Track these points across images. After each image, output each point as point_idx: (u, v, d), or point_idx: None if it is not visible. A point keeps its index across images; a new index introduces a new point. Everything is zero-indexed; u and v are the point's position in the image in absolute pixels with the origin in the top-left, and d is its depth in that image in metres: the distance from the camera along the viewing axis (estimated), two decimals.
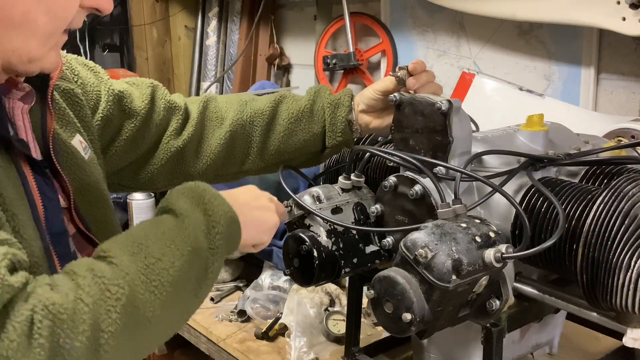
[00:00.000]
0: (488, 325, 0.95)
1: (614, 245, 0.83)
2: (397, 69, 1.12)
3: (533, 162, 1.00)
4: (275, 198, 0.99)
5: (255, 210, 0.91)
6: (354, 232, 1.06)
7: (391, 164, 1.08)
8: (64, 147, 0.90)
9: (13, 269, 0.64)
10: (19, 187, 0.78)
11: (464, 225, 0.85)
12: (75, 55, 1.07)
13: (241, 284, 1.79)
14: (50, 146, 0.85)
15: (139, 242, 0.74)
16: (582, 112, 1.58)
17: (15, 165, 0.79)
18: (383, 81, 1.15)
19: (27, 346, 0.60)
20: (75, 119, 0.97)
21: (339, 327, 1.42)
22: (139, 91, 1.13)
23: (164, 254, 0.74)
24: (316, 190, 1.09)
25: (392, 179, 1.01)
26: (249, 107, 1.19)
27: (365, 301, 1.14)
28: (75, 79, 1.02)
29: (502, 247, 0.82)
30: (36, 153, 0.83)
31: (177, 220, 0.79)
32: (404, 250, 0.83)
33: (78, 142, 0.94)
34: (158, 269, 0.73)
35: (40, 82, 0.87)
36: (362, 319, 1.26)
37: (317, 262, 1.01)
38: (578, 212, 0.90)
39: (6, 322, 0.60)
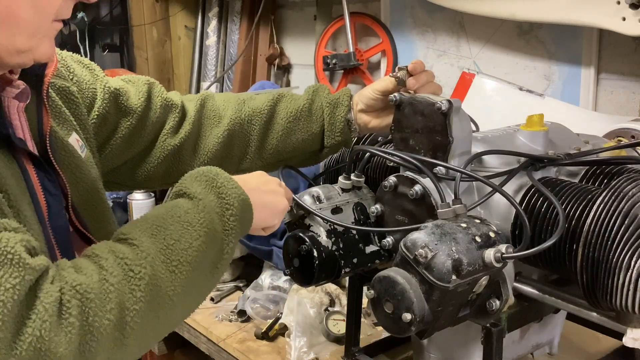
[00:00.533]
0: (488, 325, 0.95)
1: (614, 245, 0.83)
2: (396, 69, 1.12)
3: (533, 162, 1.00)
4: (283, 183, 1.00)
5: (265, 194, 0.93)
6: (354, 232, 1.06)
7: (391, 164, 1.08)
8: (61, 145, 0.90)
9: (30, 254, 0.66)
10: (21, 183, 0.78)
11: (464, 225, 0.85)
12: (70, 53, 1.06)
13: (241, 284, 1.79)
14: (48, 144, 0.85)
15: (157, 225, 0.77)
16: (582, 112, 1.58)
17: (17, 162, 0.79)
18: (383, 81, 1.14)
19: (58, 325, 0.63)
20: (72, 117, 0.97)
21: (339, 327, 1.42)
22: (135, 89, 1.12)
23: (181, 235, 0.77)
24: (316, 190, 1.09)
25: (392, 179, 1.01)
26: (247, 106, 1.19)
27: (365, 301, 1.14)
28: (71, 77, 1.01)
29: (502, 247, 0.82)
30: (34, 151, 0.83)
31: (192, 203, 0.81)
32: (404, 250, 0.83)
33: (75, 141, 0.94)
34: (177, 250, 0.75)
35: (35, 80, 0.87)
36: (362, 319, 1.26)
37: (317, 262, 1.01)
38: (578, 212, 0.90)
39: (36, 302, 0.63)
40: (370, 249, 1.07)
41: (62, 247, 0.82)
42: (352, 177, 1.11)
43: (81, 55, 1.08)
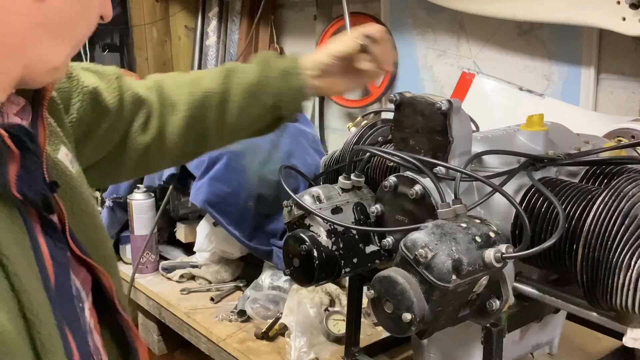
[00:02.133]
0: (488, 325, 0.95)
1: (614, 245, 0.83)
2: (362, 37, 1.09)
3: (533, 162, 1.00)
4: None
5: None
6: (354, 232, 1.06)
7: (391, 164, 1.08)
8: (52, 164, 0.81)
9: None
10: (30, 258, 0.69)
11: (464, 225, 0.85)
12: None
13: (241, 284, 1.79)
14: (44, 165, 0.76)
15: None
16: (582, 112, 1.58)
17: (28, 231, 0.70)
18: (342, 44, 1.10)
19: None
20: (58, 128, 0.88)
21: (339, 327, 1.42)
22: (107, 85, 1.05)
23: None
24: (316, 190, 1.09)
25: (392, 179, 1.01)
26: (198, 88, 1.14)
27: (365, 301, 1.14)
28: None
29: (502, 247, 0.82)
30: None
31: None
32: (404, 250, 0.83)
33: (64, 155, 0.85)
34: None
35: (34, 95, 0.79)
36: (362, 319, 1.26)
37: (317, 262, 1.01)
38: (578, 212, 0.90)
39: None
40: (370, 249, 1.07)
41: (68, 318, 0.73)
42: (352, 177, 1.11)
43: (81, 56, 1.04)
